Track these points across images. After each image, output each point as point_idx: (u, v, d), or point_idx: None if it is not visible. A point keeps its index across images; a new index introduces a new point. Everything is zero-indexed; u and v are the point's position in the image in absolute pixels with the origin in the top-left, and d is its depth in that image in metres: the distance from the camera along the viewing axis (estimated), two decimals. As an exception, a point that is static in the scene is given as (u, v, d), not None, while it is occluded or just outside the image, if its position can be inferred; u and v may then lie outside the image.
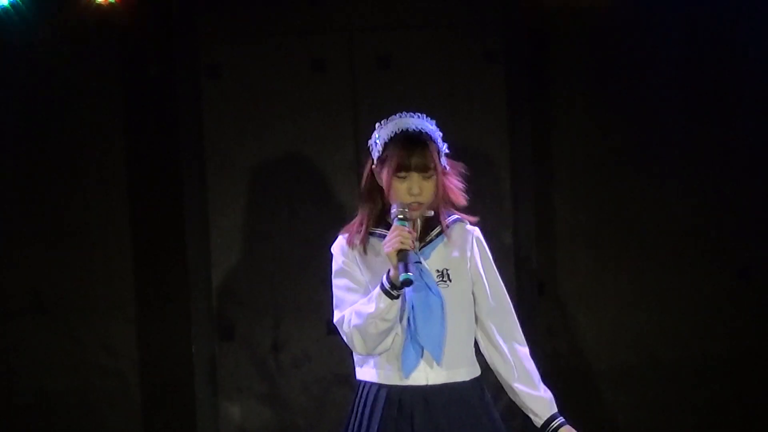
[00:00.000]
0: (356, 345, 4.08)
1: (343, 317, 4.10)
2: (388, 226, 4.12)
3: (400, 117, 4.18)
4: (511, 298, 4.24)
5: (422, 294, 4.07)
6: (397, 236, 3.95)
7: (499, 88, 6.00)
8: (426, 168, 4.08)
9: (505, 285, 4.24)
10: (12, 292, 6.30)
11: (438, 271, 4.15)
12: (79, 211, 6.30)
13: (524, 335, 4.23)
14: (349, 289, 4.15)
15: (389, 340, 4.07)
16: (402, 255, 3.92)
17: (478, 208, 4.34)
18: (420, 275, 4.05)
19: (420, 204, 4.09)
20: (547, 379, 4.25)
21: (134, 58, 6.26)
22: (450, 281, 4.14)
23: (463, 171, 4.24)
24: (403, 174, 4.08)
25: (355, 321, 4.04)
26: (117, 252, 6.31)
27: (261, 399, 6.06)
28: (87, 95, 6.28)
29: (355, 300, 4.10)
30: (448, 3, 6.02)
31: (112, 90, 6.29)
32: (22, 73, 6.24)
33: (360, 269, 4.16)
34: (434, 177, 4.10)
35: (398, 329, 4.07)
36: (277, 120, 6.04)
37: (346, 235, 4.21)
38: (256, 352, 6.04)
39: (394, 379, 4.11)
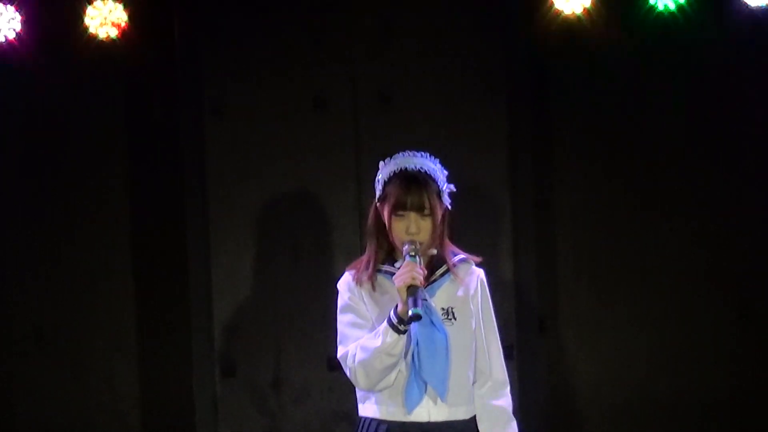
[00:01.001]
0: (359, 380, 4.08)
1: (347, 352, 4.10)
2: (394, 264, 4.15)
3: (403, 156, 4.20)
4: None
5: (427, 331, 4.08)
6: (408, 272, 3.97)
7: (500, 124, 6.01)
8: (422, 207, 4.10)
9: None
10: (13, 327, 6.30)
11: (443, 309, 4.16)
12: (81, 247, 6.31)
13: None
14: (354, 325, 4.15)
15: (392, 376, 4.08)
16: (412, 290, 3.95)
17: (479, 242, 4.35)
18: (426, 312, 4.05)
19: (420, 243, 4.10)
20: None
21: (137, 95, 6.28)
22: (455, 319, 4.16)
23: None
24: (401, 213, 4.11)
25: (360, 356, 4.04)
26: (119, 288, 6.32)
27: (262, 435, 6.06)
28: (90, 132, 6.30)
29: (360, 336, 4.10)
30: (449, 38, 6.04)
31: (115, 127, 6.31)
32: (24, 112, 6.27)
33: (366, 306, 4.17)
34: (431, 216, 4.13)
35: (402, 365, 4.08)
36: (280, 158, 6.06)
37: (353, 271, 4.23)
38: (258, 389, 6.03)
39: (396, 415, 4.12)
